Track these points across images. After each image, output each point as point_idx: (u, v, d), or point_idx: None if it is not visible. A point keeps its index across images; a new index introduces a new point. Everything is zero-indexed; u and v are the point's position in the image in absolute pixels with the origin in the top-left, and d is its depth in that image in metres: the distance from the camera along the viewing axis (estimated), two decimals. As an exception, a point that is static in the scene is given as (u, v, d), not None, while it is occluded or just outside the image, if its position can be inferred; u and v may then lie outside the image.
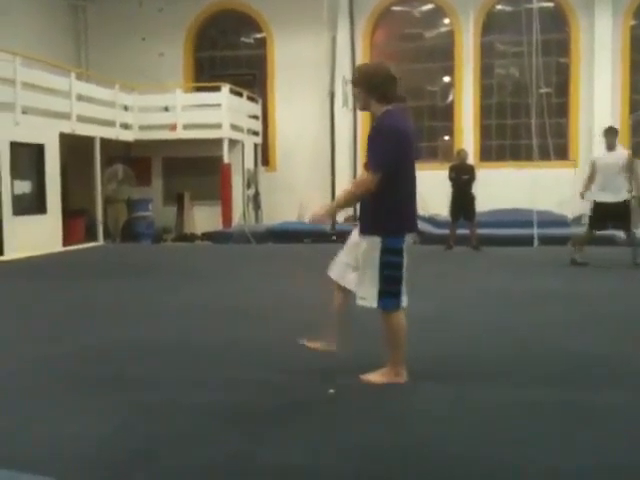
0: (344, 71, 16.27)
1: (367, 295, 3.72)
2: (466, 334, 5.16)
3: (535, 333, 5.19)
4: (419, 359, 4.04)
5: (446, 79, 17.61)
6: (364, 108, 3.82)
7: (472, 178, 11.49)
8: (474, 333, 5.21)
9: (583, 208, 15.98)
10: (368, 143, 3.72)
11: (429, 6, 17.46)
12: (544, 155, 13.60)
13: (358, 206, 3.86)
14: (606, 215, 8.80)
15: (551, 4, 16.53)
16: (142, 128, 15.45)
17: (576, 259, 9.02)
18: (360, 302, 3.78)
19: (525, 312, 6.07)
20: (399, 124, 3.69)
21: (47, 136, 12.41)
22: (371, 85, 3.70)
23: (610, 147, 8.90)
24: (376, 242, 3.65)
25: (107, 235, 14.38)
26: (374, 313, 3.77)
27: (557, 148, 14.76)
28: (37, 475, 2.20)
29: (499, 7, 17.13)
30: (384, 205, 3.63)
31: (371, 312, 3.75)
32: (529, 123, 13.86)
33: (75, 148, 13.80)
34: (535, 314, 5.94)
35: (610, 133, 8.97)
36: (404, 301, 3.76)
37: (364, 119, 17.30)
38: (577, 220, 15.21)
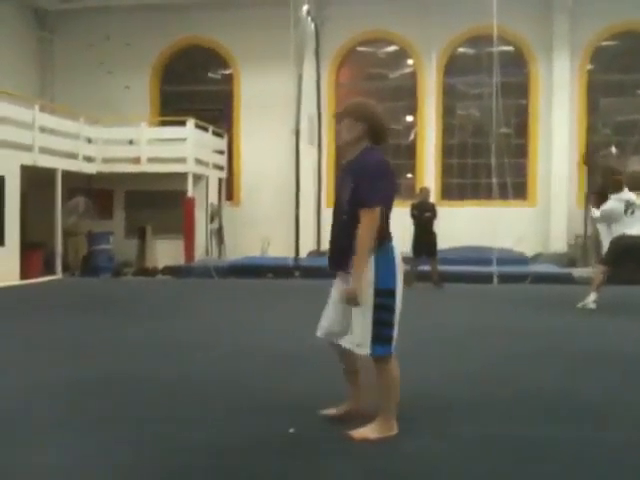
0: (310, 109, 16.50)
1: (362, 341, 3.48)
2: (420, 371, 5.18)
3: (491, 368, 5.24)
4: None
5: (409, 118, 17.95)
6: (348, 143, 3.60)
7: (434, 216, 11.63)
8: (426, 370, 5.23)
9: (541, 247, 16.39)
10: (356, 180, 3.46)
11: (393, 47, 17.86)
12: (503, 194, 13.87)
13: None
14: None
15: (511, 48, 17.04)
16: (105, 161, 15.36)
17: None
18: (357, 350, 3.53)
19: (483, 347, 6.12)
20: (385, 160, 3.61)
21: (8, 168, 12.27)
22: (373, 122, 3.55)
23: None
24: (369, 281, 3.44)
25: (66, 268, 14.17)
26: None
27: (516, 187, 15.09)
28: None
29: (461, 50, 17.60)
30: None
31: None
32: (489, 163, 14.16)
33: (35, 179, 13.64)
34: (492, 349, 6.00)
35: None
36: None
37: (329, 157, 17.50)
38: (535, 258, 15.53)
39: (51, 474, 3.12)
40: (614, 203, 8.51)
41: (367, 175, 3.47)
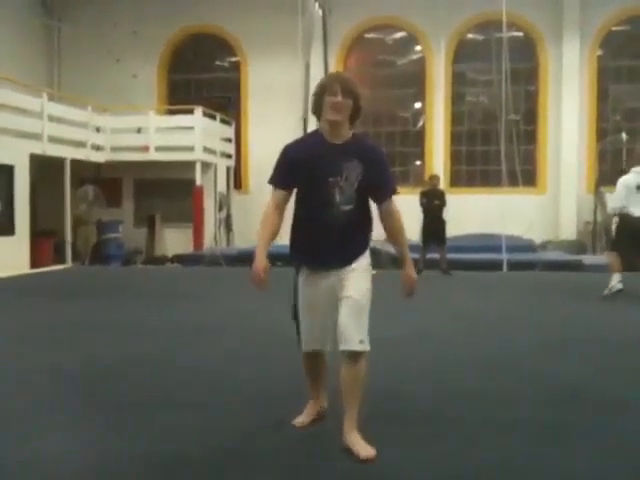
0: (317, 96, 16.41)
1: (365, 337, 3.13)
2: (432, 359, 5.20)
3: (503, 357, 5.24)
4: (390, 384, 4.05)
5: (417, 105, 17.87)
6: (339, 125, 3.23)
7: (443, 204, 11.59)
8: (440, 357, 5.24)
9: (551, 234, 16.34)
10: (375, 168, 3.18)
11: (401, 33, 17.76)
12: (513, 181, 13.82)
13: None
14: None
15: (520, 34, 16.91)
16: (114, 149, 15.40)
17: None
18: (359, 347, 3.10)
19: (493, 336, 6.12)
20: None
21: (17, 157, 12.31)
22: (357, 102, 3.23)
23: None
24: (370, 274, 3.28)
25: (76, 257, 14.24)
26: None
27: (525, 174, 15.02)
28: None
29: (470, 36, 17.48)
30: (369, 232, 3.35)
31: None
32: (498, 150, 14.10)
33: (45, 168, 13.70)
34: (502, 338, 6.00)
35: None
36: None
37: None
38: (544, 245, 15.49)
39: (57, 461, 3.15)
40: (631, 175, 8.35)
41: (385, 163, 3.32)
